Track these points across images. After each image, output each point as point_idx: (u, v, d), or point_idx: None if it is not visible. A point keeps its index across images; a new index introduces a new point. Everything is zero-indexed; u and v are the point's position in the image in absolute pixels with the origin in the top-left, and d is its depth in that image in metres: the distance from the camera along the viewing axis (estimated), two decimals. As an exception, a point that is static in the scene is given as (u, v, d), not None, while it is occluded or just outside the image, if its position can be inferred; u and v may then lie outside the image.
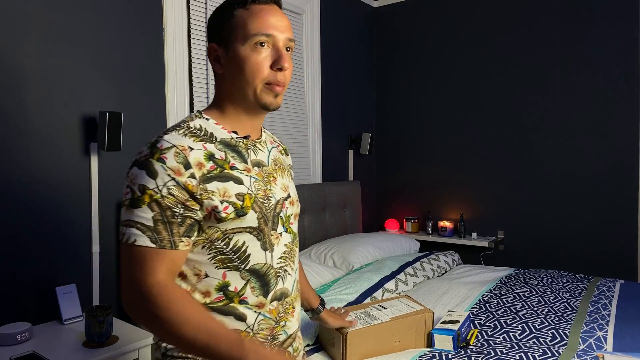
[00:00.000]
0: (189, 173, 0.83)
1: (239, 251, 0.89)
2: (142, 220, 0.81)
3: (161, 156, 0.83)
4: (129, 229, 0.82)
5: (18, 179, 1.75)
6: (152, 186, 0.82)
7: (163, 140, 0.85)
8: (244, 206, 0.88)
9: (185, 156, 0.84)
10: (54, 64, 1.85)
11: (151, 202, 0.82)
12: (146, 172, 0.82)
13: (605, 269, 2.97)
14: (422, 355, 1.59)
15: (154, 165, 0.82)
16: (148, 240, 0.81)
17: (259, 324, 0.92)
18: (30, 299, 1.79)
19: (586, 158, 3.01)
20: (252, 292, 0.91)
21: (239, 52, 0.90)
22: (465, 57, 3.45)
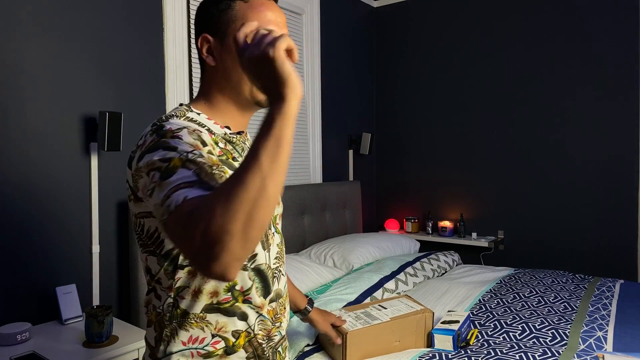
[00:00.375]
0: (207, 149, 0.77)
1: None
2: (183, 180, 0.67)
3: (175, 134, 0.74)
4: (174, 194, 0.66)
5: (18, 179, 1.75)
6: (175, 154, 0.71)
7: (169, 123, 0.78)
8: None
9: (199, 135, 0.78)
10: (54, 64, 1.85)
11: (185, 162, 0.69)
12: (164, 148, 0.72)
13: (605, 269, 2.97)
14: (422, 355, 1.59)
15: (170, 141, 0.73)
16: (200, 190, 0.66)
17: (258, 324, 0.91)
18: (30, 299, 1.79)
19: (586, 158, 3.01)
20: (256, 292, 0.89)
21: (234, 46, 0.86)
22: (465, 57, 3.45)
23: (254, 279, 0.89)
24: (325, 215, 3.12)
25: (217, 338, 0.87)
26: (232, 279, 0.61)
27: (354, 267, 2.55)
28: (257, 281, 0.89)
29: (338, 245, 2.70)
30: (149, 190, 0.71)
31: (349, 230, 3.35)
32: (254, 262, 0.88)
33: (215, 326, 0.86)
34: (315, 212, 3.01)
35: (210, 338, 0.86)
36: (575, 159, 3.05)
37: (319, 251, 2.68)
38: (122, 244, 2.08)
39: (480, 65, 3.39)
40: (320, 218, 3.06)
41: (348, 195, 3.33)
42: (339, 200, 3.24)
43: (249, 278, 0.88)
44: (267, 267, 0.91)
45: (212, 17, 0.87)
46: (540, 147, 3.17)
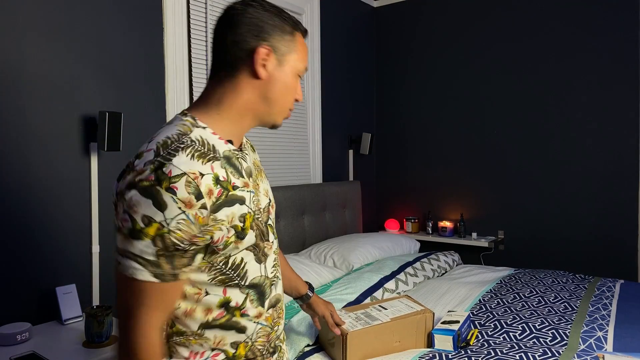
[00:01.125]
0: (200, 204, 0.75)
1: (238, 269, 0.86)
2: (143, 255, 0.74)
3: (171, 185, 0.73)
4: (128, 261, 0.75)
5: (18, 179, 1.75)
6: (160, 219, 0.73)
7: (171, 165, 0.75)
8: (244, 227, 0.84)
9: (197, 185, 0.75)
10: (54, 64, 1.85)
11: (155, 237, 0.74)
12: (153, 203, 0.73)
13: (605, 269, 2.97)
14: (422, 355, 1.59)
15: (163, 196, 0.73)
16: (149, 275, 0.75)
17: (257, 333, 0.91)
18: (30, 299, 1.79)
19: (586, 158, 3.01)
20: (251, 304, 0.90)
21: (289, 75, 0.90)
22: (465, 57, 3.45)
23: (248, 292, 0.89)
24: (325, 215, 3.11)
25: (217, 351, 0.88)
26: None
27: (354, 267, 2.55)
28: (251, 294, 0.89)
29: (338, 245, 2.70)
30: (118, 227, 0.77)
31: (349, 230, 3.35)
32: (245, 280, 0.88)
33: (214, 341, 0.87)
34: (315, 212, 3.01)
35: (210, 352, 0.87)
36: (575, 158, 3.05)
37: (319, 251, 2.68)
38: (122, 244, 2.08)
39: (480, 65, 3.39)
40: (320, 218, 3.06)
41: (348, 195, 3.33)
42: (339, 200, 3.24)
43: (241, 293, 0.88)
44: (263, 278, 0.91)
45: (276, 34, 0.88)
46: (541, 147, 3.17)
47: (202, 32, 2.44)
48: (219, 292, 0.85)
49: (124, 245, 0.75)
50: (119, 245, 0.77)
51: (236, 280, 0.86)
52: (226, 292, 0.85)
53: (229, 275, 0.85)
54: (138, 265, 0.75)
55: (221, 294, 0.85)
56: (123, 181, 0.77)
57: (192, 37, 2.38)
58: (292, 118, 3.03)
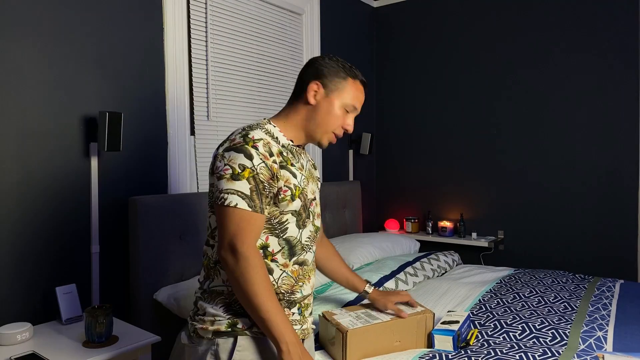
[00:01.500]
0: (272, 160, 1.14)
1: (282, 225, 1.19)
2: (242, 190, 1.09)
3: (254, 144, 1.13)
4: (231, 195, 1.09)
5: (18, 179, 1.75)
6: (250, 165, 1.10)
7: (253, 133, 1.15)
8: (294, 194, 1.18)
9: (270, 147, 1.15)
10: (54, 64, 1.85)
11: (249, 177, 1.10)
12: (244, 155, 1.11)
13: (605, 269, 2.97)
14: (422, 355, 1.59)
15: (250, 150, 1.11)
16: (247, 205, 1.09)
17: (282, 279, 1.19)
18: (30, 299, 1.79)
19: (586, 158, 3.01)
20: (282, 255, 1.19)
21: (334, 106, 1.23)
22: (465, 57, 3.45)
23: (283, 246, 1.19)
24: (325, 215, 3.12)
25: None
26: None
27: (353, 267, 2.55)
28: (285, 247, 1.20)
29: (338, 245, 2.70)
30: (219, 174, 1.11)
31: (349, 230, 3.35)
32: (285, 234, 1.19)
33: None
34: (315, 212, 3.01)
35: None
36: (575, 158, 3.05)
37: (319, 251, 2.68)
38: (122, 244, 2.08)
39: (480, 65, 3.39)
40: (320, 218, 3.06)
41: (348, 195, 3.33)
42: (339, 200, 3.24)
43: (278, 244, 1.19)
44: (297, 240, 1.22)
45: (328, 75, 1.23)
46: (541, 147, 3.17)
47: (202, 32, 2.44)
48: (263, 238, 1.17)
49: (228, 186, 1.09)
50: (223, 186, 1.10)
51: (278, 230, 1.18)
52: (268, 239, 1.18)
53: (274, 226, 1.18)
54: (239, 198, 1.09)
55: (264, 239, 1.17)
56: (222, 147, 1.15)
57: (192, 37, 2.38)
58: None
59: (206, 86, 2.46)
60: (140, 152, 2.15)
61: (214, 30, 2.49)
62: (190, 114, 2.38)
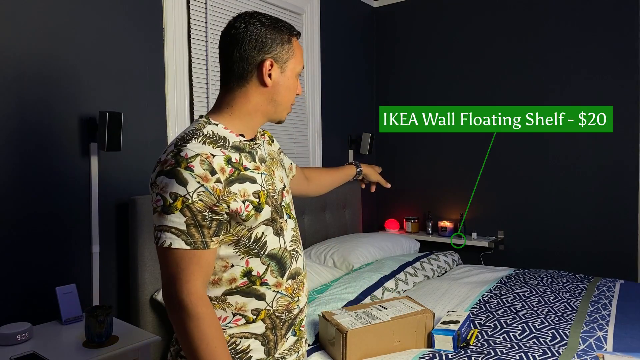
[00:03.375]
0: (215, 178, 0.91)
1: (259, 241, 1.00)
2: (175, 225, 0.89)
3: (188, 165, 0.89)
4: (164, 234, 0.90)
5: (18, 179, 1.75)
6: (183, 193, 0.88)
7: (187, 149, 0.91)
8: (260, 202, 0.98)
9: (210, 163, 0.91)
10: (54, 64, 1.85)
11: (183, 208, 0.88)
12: (176, 181, 0.89)
13: (605, 269, 2.97)
14: (422, 355, 1.59)
15: (183, 173, 0.89)
16: (183, 242, 0.89)
17: (277, 301, 1.02)
18: (30, 299, 1.79)
19: (586, 158, 3.01)
20: (272, 274, 1.01)
21: (291, 78, 1.04)
22: (465, 57, 3.45)
23: (269, 263, 1.01)
24: (325, 215, 3.11)
25: (238, 316, 0.99)
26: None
27: (353, 267, 2.55)
28: (272, 264, 1.01)
29: (338, 245, 2.70)
30: (153, 207, 0.92)
31: (349, 230, 3.35)
32: (265, 250, 1.01)
33: (235, 306, 0.98)
34: (315, 212, 3.01)
35: (232, 317, 0.98)
36: (575, 158, 3.05)
37: (319, 251, 2.68)
38: (122, 244, 2.08)
39: (480, 65, 3.39)
40: (320, 218, 3.06)
41: (348, 195, 3.33)
42: (339, 200, 3.24)
43: (262, 263, 1.00)
44: (282, 250, 1.04)
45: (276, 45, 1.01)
46: (540, 147, 3.17)
47: (202, 32, 2.44)
48: (242, 264, 0.98)
49: (160, 221, 0.90)
50: (155, 223, 0.91)
51: (256, 250, 0.99)
52: (249, 263, 0.99)
53: (251, 247, 0.99)
54: (173, 236, 0.89)
55: (244, 265, 0.98)
56: (154, 173, 0.93)
57: (192, 37, 2.38)
58: (292, 118, 3.04)
59: (206, 86, 2.46)
60: (140, 152, 2.15)
61: (214, 30, 2.49)
62: (190, 114, 2.37)
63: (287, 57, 1.03)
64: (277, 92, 1.03)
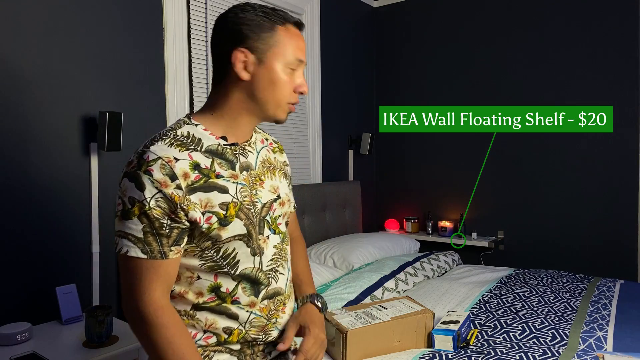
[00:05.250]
0: (175, 184, 0.84)
1: (228, 258, 0.91)
2: (132, 232, 0.84)
3: (148, 168, 0.83)
4: (121, 240, 0.85)
5: (18, 179, 1.75)
6: (141, 199, 0.83)
7: (149, 151, 0.85)
8: (228, 215, 0.89)
9: (171, 167, 0.84)
10: (54, 64, 1.85)
11: (140, 215, 0.83)
12: (135, 185, 0.84)
13: (605, 269, 2.97)
14: (422, 355, 1.59)
15: (142, 177, 0.83)
16: (139, 251, 0.84)
17: (250, 322, 0.94)
18: (30, 299, 1.79)
19: (586, 158, 3.01)
20: (244, 292, 0.93)
21: (275, 70, 0.91)
22: (465, 57, 3.45)
23: (240, 281, 0.92)
24: (325, 215, 3.11)
25: (209, 334, 0.92)
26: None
27: (353, 267, 2.55)
28: (243, 282, 0.93)
29: (338, 245, 2.70)
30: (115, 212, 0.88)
31: (349, 230, 3.35)
32: (236, 269, 0.92)
33: (205, 323, 0.91)
34: (315, 212, 3.01)
35: (202, 334, 0.92)
36: (575, 158, 3.05)
37: (319, 251, 2.68)
38: (122, 244, 2.08)
39: (480, 65, 3.39)
40: (320, 218, 3.06)
41: (348, 195, 3.33)
42: (339, 200, 3.24)
43: (232, 280, 0.92)
44: (256, 270, 0.94)
45: (251, 34, 0.90)
46: (540, 147, 3.17)
47: (202, 32, 2.44)
48: (210, 278, 0.91)
49: (118, 226, 0.85)
50: (115, 227, 0.87)
51: (226, 268, 0.91)
52: (217, 278, 0.91)
53: (218, 263, 0.90)
54: (129, 243, 0.84)
55: (212, 279, 0.91)
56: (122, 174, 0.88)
57: (192, 37, 2.38)
58: (292, 118, 3.03)
59: (206, 86, 2.46)
60: (140, 152, 2.15)
61: (214, 30, 2.49)
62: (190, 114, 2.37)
63: (266, 46, 0.90)
64: (257, 86, 0.91)
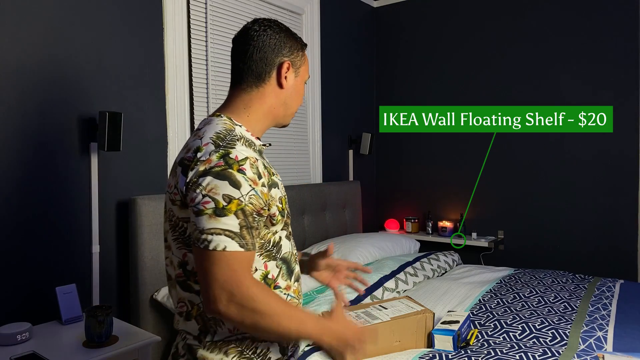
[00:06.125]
0: (261, 182, 0.92)
1: (277, 244, 1.01)
2: (229, 228, 0.86)
3: (240, 167, 0.89)
4: (217, 237, 0.86)
5: (18, 179, 1.75)
6: (238, 196, 0.87)
7: (236, 151, 0.91)
8: (284, 208, 1.01)
9: (257, 167, 0.92)
10: (54, 63, 1.85)
11: (237, 211, 0.87)
12: (229, 183, 0.87)
13: (605, 269, 2.97)
14: (422, 355, 1.59)
15: (236, 176, 0.88)
16: (237, 245, 0.87)
17: None
18: (30, 299, 1.79)
19: (586, 158, 3.01)
20: (282, 277, 1.02)
21: (301, 84, 1.09)
22: (465, 57, 3.45)
23: (281, 267, 1.01)
24: (325, 215, 3.11)
25: None
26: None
27: (354, 267, 2.55)
28: (283, 268, 1.02)
29: (338, 245, 2.70)
30: (197, 209, 0.87)
31: (349, 230, 3.35)
32: (279, 252, 1.01)
33: None
34: (315, 212, 3.01)
35: None
36: (575, 158, 3.05)
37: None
38: (122, 244, 2.08)
39: (479, 65, 3.39)
40: (320, 218, 3.06)
41: (348, 195, 3.33)
42: (339, 200, 3.24)
43: (276, 266, 1.00)
44: (290, 253, 1.04)
45: (294, 51, 1.06)
46: (540, 146, 3.17)
47: (202, 32, 2.44)
48: (262, 267, 0.98)
49: (211, 224, 0.86)
50: (205, 226, 0.86)
51: (274, 252, 1.00)
52: (267, 267, 0.99)
53: (270, 250, 0.99)
54: (227, 239, 0.86)
55: (263, 268, 0.98)
56: (192, 172, 0.90)
57: (192, 37, 2.37)
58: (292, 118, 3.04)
59: (206, 86, 2.46)
60: (140, 152, 2.15)
61: (214, 30, 2.49)
62: (190, 114, 2.37)
63: (301, 63, 1.08)
64: (290, 95, 1.06)
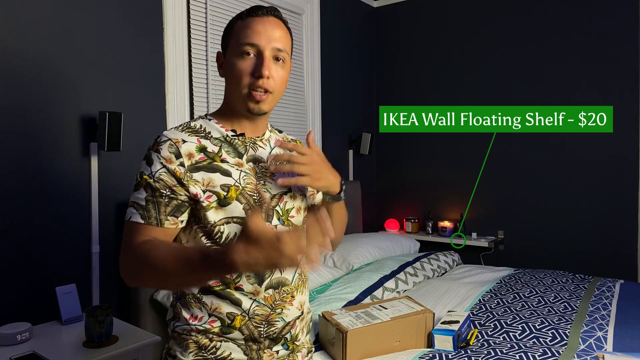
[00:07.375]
0: (178, 162, 0.94)
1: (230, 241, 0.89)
2: (137, 200, 0.94)
3: (157, 148, 0.95)
4: (129, 208, 0.95)
5: (18, 179, 1.75)
6: (147, 172, 0.94)
7: (162, 135, 0.98)
8: (228, 197, 0.95)
9: (178, 147, 0.95)
10: (54, 64, 1.85)
11: (145, 185, 0.94)
12: (146, 162, 0.96)
13: (605, 269, 2.97)
14: (422, 355, 1.59)
15: (152, 155, 0.95)
16: (139, 217, 0.93)
17: (253, 310, 0.97)
18: (30, 299, 1.79)
19: (586, 158, 3.01)
20: (247, 280, 0.97)
21: (230, 60, 0.98)
22: (465, 57, 3.45)
23: None
24: (325, 215, 3.11)
25: (213, 317, 0.97)
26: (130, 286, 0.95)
27: (353, 267, 2.55)
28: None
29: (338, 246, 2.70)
30: None
31: (349, 230, 3.35)
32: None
33: (211, 307, 0.97)
34: (315, 212, 3.01)
35: (207, 317, 0.98)
36: (575, 158, 3.05)
37: (319, 251, 2.68)
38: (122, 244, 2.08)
39: (479, 65, 3.39)
40: (320, 218, 3.06)
41: (348, 195, 3.33)
42: (339, 200, 3.24)
43: None
44: None
45: (223, 36, 1.03)
46: (540, 146, 3.17)
47: (202, 32, 2.44)
48: None
49: (131, 198, 0.96)
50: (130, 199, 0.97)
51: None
52: None
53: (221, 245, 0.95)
54: (133, 210, 0.94)
55: None
56: None
57: (192, 37, 2.37)
58: (292, 118, 3.03)
59: (206, 86, 2.46)
60: (140, 152, 2.15)
61: (214, 30, 2.49)
62: (190, 114, 2.38)
63: (227, 43, 1.00)
64: (227, 81, 1.00)
